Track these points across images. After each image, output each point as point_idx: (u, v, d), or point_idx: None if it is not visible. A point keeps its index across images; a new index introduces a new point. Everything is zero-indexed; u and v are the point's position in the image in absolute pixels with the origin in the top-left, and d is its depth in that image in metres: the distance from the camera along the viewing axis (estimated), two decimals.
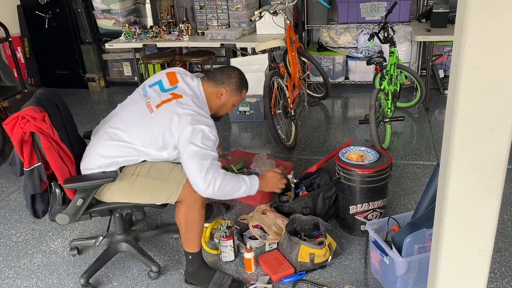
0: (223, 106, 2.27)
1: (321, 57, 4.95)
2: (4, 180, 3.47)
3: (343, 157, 2.49)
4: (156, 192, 2.11)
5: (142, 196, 2.13)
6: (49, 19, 5.35)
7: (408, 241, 1.91)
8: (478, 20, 1.00)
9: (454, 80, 1.10)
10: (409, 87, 4.47)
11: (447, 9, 4.19)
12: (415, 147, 3.57)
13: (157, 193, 2.11)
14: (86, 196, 2.05)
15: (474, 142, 1.12)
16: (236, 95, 2.28)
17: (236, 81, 2.25)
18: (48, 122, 1.96)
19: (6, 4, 5.53)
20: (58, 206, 2.09)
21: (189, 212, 2.09)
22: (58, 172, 2.00)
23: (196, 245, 2.17)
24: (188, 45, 4.60)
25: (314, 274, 2.27)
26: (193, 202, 2.07)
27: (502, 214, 2.62)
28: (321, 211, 2.60)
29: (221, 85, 2.22)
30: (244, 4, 4.57)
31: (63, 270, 2.43)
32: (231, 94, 2.25)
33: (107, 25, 5.31)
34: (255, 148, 3.76)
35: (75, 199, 2.05)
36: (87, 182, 2.03)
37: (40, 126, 1.91)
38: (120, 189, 2.10)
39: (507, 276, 2.18)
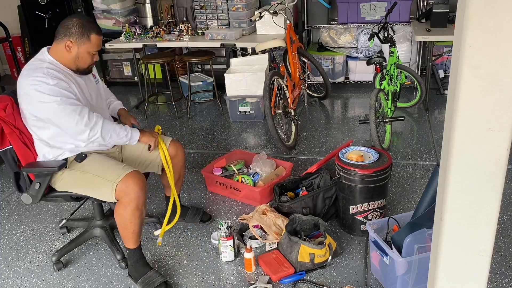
0: (77, 58, 2.16)
1: (321, 57, 4.95)
2: (4, 180, 3.47)
3: (343, 157, 2.49)
4: (95, 188, 2.17)
5: (85, 189, 2.21)
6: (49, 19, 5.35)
7: (408, 241, 1.91)
8: (478, 20, 1.00)
9: (454, 80, 1.10)
10: (409, 87, 4.48)
11: (447, 9, 4.19)
12: (415, 147, 3.57)
13: (96, 189, 2.17)
14: (42, 181, 2.19)
15: (474, 142, 1.12)
16: (85, 43, 2.14)
17: (76, 29, 2.11)
18: (10, 111, 2.15)
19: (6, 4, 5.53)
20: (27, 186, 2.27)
21: (122, 212, 2.11)
22: (20, 156, 2.21)
23: (131, 242, 2.21)
24: (188, 45, 4.60)
25: (314, 274, 2.27)
26: (126, 202, 2.09)
27: (502, 214, 2.62)
28: (321, 211, 2.60)
29: (64, 39, 2.12)
30: (244, 4, 4.58)
31: (63, 270, 2.43)
32: (78, 44, 2.13)
33: (107, 25, 5.31)
34: (255, 148, 3.76)
35: (33, 182, 2.21)
36: (35, 169, 2.21)
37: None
38: (67, 180, 2.21)
39: (507, 276, 2.18)
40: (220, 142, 3.90)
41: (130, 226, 2.14)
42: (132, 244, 2.21)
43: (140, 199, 2.09)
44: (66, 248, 2.46)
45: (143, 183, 2.12)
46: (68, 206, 3.03)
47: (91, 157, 2.22)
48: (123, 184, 2.06)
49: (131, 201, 2.08)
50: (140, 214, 2.14)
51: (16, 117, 2.17)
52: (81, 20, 2.14)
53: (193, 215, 2.73)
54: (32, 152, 2.23)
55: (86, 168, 2.18)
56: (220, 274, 2.32)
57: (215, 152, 3.71)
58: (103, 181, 2.11)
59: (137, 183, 2.08)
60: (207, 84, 4.89)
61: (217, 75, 4.56)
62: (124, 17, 5.19)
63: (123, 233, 2.19)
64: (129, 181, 2.07)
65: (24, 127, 2.19)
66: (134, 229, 2.16)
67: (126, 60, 5.51)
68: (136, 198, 2.08)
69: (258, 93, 4.10)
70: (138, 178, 2.11)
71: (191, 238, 2.62)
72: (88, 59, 2.20)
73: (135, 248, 2.23)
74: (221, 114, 4.53)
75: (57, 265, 2.42)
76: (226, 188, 2.98)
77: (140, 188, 2.08)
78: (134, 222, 2.13)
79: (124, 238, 2.21)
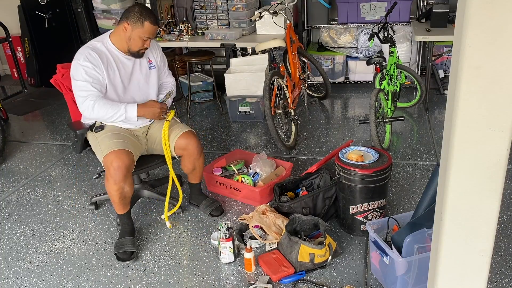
0: (130, 39, 2.46)
1: (321, 57, 4.95)
2: (4, 180, 3.47)
3: (343, 157, 2.49)
4: (97, 152, 2.50)
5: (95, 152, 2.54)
6: (49, 19, 5.35)
7: (408, 241, 1.91)
8: (478, 20, 1.00)
9: (454, 80, 1.10)
10: (409, 87, 4.48)
11: (447, 9, 4.19)
12: (415, 147, 3.57)
13: (98, 154, 2.50)
14: (78, 138, 2.61)
15: (474, 142, 1.12)
16: (138, 27, 2.43)
17: (135, 14, 2.42)
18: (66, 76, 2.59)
19: (6, 4, 5.53)
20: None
21: (105, 182, 2.41)
22: (71, 113, 2.72)
23: (116, 209, 2.52)
24: (188, 45, 4.60)
25: (314, 274, 2.27)
26: (107, 175, 2.38)
27: (502, 214, 2.62)
28: (321, 211, 2.60)
29: (123, 20, 2.45)
30: (244, 4, 4.57)
31: (63, 270, 2.43)
32: (132, 26, 2.43)
33: (107, 25, 5.30)
34: (255, 148, 3.76)
35: (75, 136, 2.61)
36: (71, 128, 2.64)
37: (57, 77, 2.68)
38: (90, 142, 2.60)
39: (507, 276, 2.18)
40: (220, 142, 3.90)
41: (111, 196, 2.44)
42: (118, 211, 2.54)
43: (116, 176, 2.34)
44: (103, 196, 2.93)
45: (123, 162, 2.34)
46: (68, 206, 3.04)
47: (107, 128, 2.54)
48: (107, 158, 2.36)
49: (110, 175, 2.36)
50: (118, 189, 2.39)
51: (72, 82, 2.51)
52: (141, 8, 2.45)
53: (205, 206, 2.83)
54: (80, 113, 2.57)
55: (97, 135, 2.52)
56: (220, 274, 2.32)
57: (215, 152, 3.71)
58: (99, 150, 2.45)
59: (116, 161, 2.34)
60: (207, 84, 4.89)
61: (217, 75, 4.56)
62: None
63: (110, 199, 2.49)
64: (111, 157, 2.35)
65: None
66: (114, 199, 2.45)
67: None
68: (113, 173, 2.34)
69: (258, 93, 4.10)
70: (119, 157, 2.35)
71: (191, 238, 2.62)
72: (139, 43, 2.47)
73: (120, 214, 2.55)
74: (221, 114, 4.53)
75: (94, 205, 2.94)
76: (226, 188, 2.98)
77: (117, 166, 2.33)
78: (112, 194, 2.42)
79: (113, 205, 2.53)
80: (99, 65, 2.41)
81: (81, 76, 2.38)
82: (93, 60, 2.39)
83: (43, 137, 4.24)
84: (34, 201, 3.14)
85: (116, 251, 2.46)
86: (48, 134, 4.30)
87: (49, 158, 3.78)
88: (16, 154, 3.90)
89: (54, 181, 3.39)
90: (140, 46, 2.49)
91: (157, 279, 2.31)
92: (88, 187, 3.23)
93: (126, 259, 2.43)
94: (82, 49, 2.44)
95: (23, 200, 3.16)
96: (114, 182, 2.36)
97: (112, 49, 2.49)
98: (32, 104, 5.05)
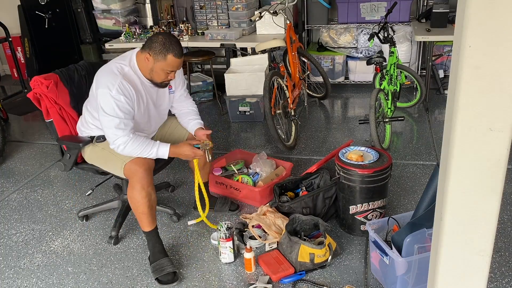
0: (152, 71, 2.30)
1: (321, 57, 4.95)
2: (4, 180, 3.47)
3: (343, 157, 2.49)
4: (108, 163, 2.38)
5: (103, 164, 2.43)
6: (49, 19, 5.35)
7: (408, 241, 1.91)
8: (478, 20, 1.00)
9: (454, 80, 1.10)
10: (409, 87, 4.48)
11: (447, 9, 4.19)
12: (415, 147, 3.57)
13: (110, 164, 2.37)
14: (72, 153, 2.48)
15: (474, 142, 1.12)
16: (161, 60, 2.25)
17: (157, 45, 2.23)
18: (52, 88, 2.41)
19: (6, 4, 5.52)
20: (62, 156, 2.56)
21: (131, 192, 2.26)
22: (58, 128, 2.51)
23: (144, 224, 2.33)
24: (188, 45, 4.60)
25: (314, 274, 2.27)
26: (133, 182, 2.25)
27: (502, 214, 2.62)
28: (321, 211, 2.60)
29: (146, 50, 2.27)
30: (244, 4, 4.57)
31: (63, 270, 2.43)
32: (155, 58, 2.25)
33: (107, 25, 5.30)
34: (255, 148, 3.75)
35: (65, 153, 2.51)
36: (65, 142, 2.50)
37: (43, 90, 2.41)
38: (90, 155, 2.47)
39: (507, 276, 2.18)
40: (220, 142, 3.90)
41: (139, 206, 2.26)
42: (145, 227, 2.33)
43: (144, 179, 2.22)
44: (91, 209, 2.82)
45: (148, 165, 2.26)
46: (68, 206, 3.04)
47: None
48: (131, 164, 2.24)
49: (137, 181, 2.23)
50: (147, 194, 2.25)
51: (59, 94, 2.44)
52: (165, 39, 2.24)
53: (221, 204, 2.83)
54: (68, 126, 2.52)
55: (105, 145, 2.37)
56: (220, 274, 2.32)
57: (215, 152, 3.71)
58: (116, 159, 2.30)
59: (142, 164, 2.23)
60: (207, 84, 4.89)
61: (217, 75, 4.56)
62: (124, 17, 5.18)
63: (136, 215, 2.33)
64: (137, 161, 2.24)
65: (64, 104, 2.49)
66: (143, 210, 2.27)
67: None
68: (141, 177, 2.22)
69: (258, 93, 4.09)
70: (145, 160, 2.26)
71: (191, 238, 2.62)
72: (162, 76, 2.32)
73: (149, 231, 2.34)
74: (221, 114, 4.53)
75: (81, 218, 2.81)
76: (226, 188, 2.98)
77: (144, 169, 2.22)
78: (141, 202, 2.25)
79: (138, 220, 2.34)
80: (132, 97, 2.25)
81: (113, 111, 2.19)
82: (127, 92, 2.21)
83: (43, 137, 4.24)
84: (34, 201, 3.14)
85: (157, 275, 2.26)
86: (48, 134, 4.29)
87: (49, 158, 3.78)
88: (16, 154, 3.90)
89: (54, 181, 3.39)
90: (164, 79, 2.34)
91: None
92: (88, 187, 3.22)
93: (170, 281, 2.25)
94: (112, 75, 2.23)
95: (23, 200, 3.16)
96: (142, 188, 2.22)
97: (141, 75, 2.32)
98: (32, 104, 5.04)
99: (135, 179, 2.24)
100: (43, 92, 2.41)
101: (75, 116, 2.54)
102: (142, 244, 2.58)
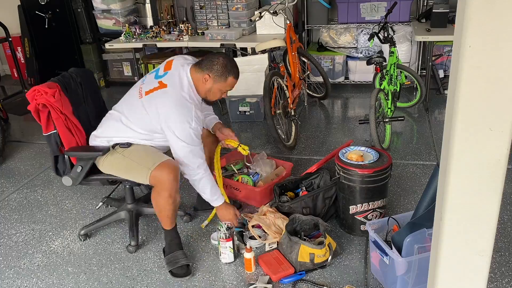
0: (209, 91, 2.36)
1: (321, 57, 4.95)
2: (4, 180, 3.47)
3: (343, 157, 2.49)
4: (131, 172, 2.32)
5: (123, 173, 2.36)
6: (49, 19, 5.35)
7: (408, 241, 1.91)
8: (478, 20, 1.00)
9: (454, 80, 1.09)
10: (409, 87, 4.47)
11: (447, 9, 4.19)
12: (415, 147, 3.57)
13: (132, 173, 2.32)
14: (84, 164, 2.36)
15: (474, 142, 1.12)
16: (221, 82, 2.33)
17: (219, 67, 2.30)
18: (58, 97, 2.26)
19: (6, 4, 5.52)
20: (66, 169, 2.43)
21: (157, 197, 2.26)
22: (64, 140, 2.35)
23: (166, 224, 2.35)
24: (188, 45, 4.60)
25: (314, 274, 2.27)
26: (160, 189, 2.23)
27: (502, 214, 2.62)
28: (320, 211, 2.60)
29: (205, 71, 2.31)
30: (244, 4, 4.57)
31: (63, 270, 2.43)
32: (215, 80, 2.32)
33: (107, 25, 5.30)
34: (255, 148, 3.75)
35: (76, 165, 2.37)
36: (80, 153, 2.38)
37: (48, 99, 2.23)
38: (108, 164, 2.36)
39: (507, 276, 2.18)
40: None
41: (164, 211, 2.28)
42: (167, 226, 2.36)
43: (173, 188, 2.21)
44: (95, 225, 2.66)
45: (176, 172, 2.23)
46: (68, 206, 3.03)
47: (135, 146, 2.36)
48: (158, 171, 2.20)
49: (165, 189, 2.21)
50: (173, 201, 2.26)
51: (64, 103, 2.31)
52: (226, 62, 2.33)
53: None
54: (75, 137, 2.39)
55: (127, 153, 2.33)
56: (220, 274, 2.32)
57: None
58: (140, 167, 2.26)
59: (171, 172, 2.20)
60: None
61: None
62: (124, 17, 5.18)
63: (159, 215, 2.34)
64: (163, 169, 2.20)
65: (70, 113, 2.34)
66: (168, 214, 2.29)
67: (126, 60, 5.51)
68: (169, 186, 2.20)
69: (258, 93, 4.09)
70: (172, 167, 2.22)
71: (191, 238, 2.62)
72: (218, 95, 2.40)
73: (170, 229, 2.37)
74: (221, 114, 4.53)
75: (83, 237, 2.64)
76: (226, 188, 2.98)
77: (173, 177, 2.20)
78: (167, 208, 2.27)
79: (160, 220, 2.36)
80: (201, 123, 2.37)
81: (191, 140, 2.25)
82: (199, 121, 2.30)
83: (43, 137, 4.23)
84: (34, 201, 3.14)
85: (171, 267, 2.30)
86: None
87: (49, 158, 3.74)
88: (16, 154, 3.90)
89: (54, 181, 3.39)
90: (218, 97, 2.42)
91: (157, 279, 2.31)
92: (88, 187, 3.22)
93: (183, 274, 2.28)
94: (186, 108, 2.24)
95: (23, 200, 3.16)
96: (169, 195, 2.22)
97: (195, 93, 2.35)
98: None
99: (162, 187, 2.21)
100: (49, 102, 2.24)
101: (79, 125, 2.41)
102: (142, 244, 2.58)
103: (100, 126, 2.45)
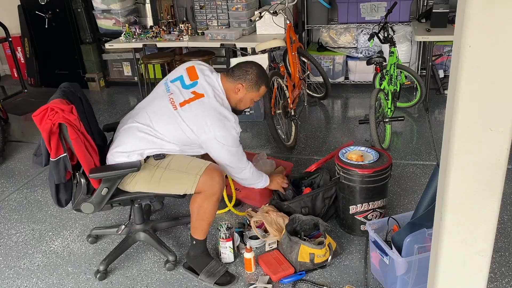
0: (240, 101, 2.33)
1: (321, 57, 4.95)
2: (4, 180, 3.47)
3: (343, 157, 2.49)
4: (175, 183, 2.16)
5: (162, 186, 2.18)
6: (49, 19, 5.35)
7: (408, 241, 1.91)
8: (478, 20, 1.00)
9: (454, 80, 1.10)
10: (409, 87, 4.47)
11: (447, 9, 4.19)
12: (415, 147, 3.57)
13: (176, 184, 2.16)
14: (110, 185, 2.12)
15: (474, 142, 1.12)
16: (254, 91, 2.33)
17: (252, 77, 2.29)
18: (76, 114, 2.02)
19: (6, 4, 5.53)
20: (82, 195, 2.16)
21: (204, 203, 2.15)
22: (84, 162, 2.07)
23: (203, 233, 2.24)
24: (188, 45, 4.60)
25: (314, 274, 2.27)
26: (210, 194, 2.14)
27: (502, 214, 2.62)
28: (320, 211, 2.60)
29: (238, 81, 2.28)
30: (244, 4, 4.57)
31: (63, 270, 2.43)
32: (248, 89, 2.30)
33: (107, 25, 5.30)
34: (255, 148, 3.75)
35: (100, 188, 2.11)
36: (113, 172, 2.10)
37: (68, 117, 1.97)
38: (142, 179, 2.17)
39: (507, 276, 2.18)
40: None
41: (209, 217, 2.19)
42: (202, 235, 2.25)
43: (222, 191, 2.17)
44: (113, 255, 2.39)
45: (223, 174, 2.20)
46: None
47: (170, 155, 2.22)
48: (206, 176, 2.12)
49: (215, 193, 2.14)
50: (217, 208, 2.23)
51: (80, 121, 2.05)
52: (258, 71, 2.33)
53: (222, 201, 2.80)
54: (92, 157, 2.11)
55: (163, 165, 2.17)
56: None
57: None
58: (185, 175, 2.14)
59: (220, 175, 2.15)
60: None
61: None
62: (124, 17, 5.18)
63: (197, 223, 2.21)
64: (212, 173, 2.13)
65: (84, 131, 2.07)
66: (211, 221, 2.22)
67: (126, 60, 5.51)
68: (219, 190, 2.15)
69: None
70: (219, 170, 2.18)
71: None
72: (248, 104, 2.38)
73: (204, 239, 2.27)
74: None
75: (103, 275, 2.33)
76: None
77: (222, 180, 2.16)
78: (212, 213, 2.19)
79: (197, 229, 2.23)
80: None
81: (237, 143, 2.26)
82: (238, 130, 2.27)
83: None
84: (34, 201, 3.14)
85: (215, 279, 2.22)
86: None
87: None
88: (16, 154, 3.90)
89: None
90: (248, 106, 2.42)
91: (157, 279, 2.31)
92: None
93: (228, 282, 2.24)
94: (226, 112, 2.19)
95: (23, 200, 3.16)
96: (217, 200, 2.17)
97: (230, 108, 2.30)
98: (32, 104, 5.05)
99: (212, 191, 2.13)
100: (68, 120, 1.98)
101: (93, 143, 2.14)
102: (142, 244, 2.58)
103: (120, 141, 2.20)
